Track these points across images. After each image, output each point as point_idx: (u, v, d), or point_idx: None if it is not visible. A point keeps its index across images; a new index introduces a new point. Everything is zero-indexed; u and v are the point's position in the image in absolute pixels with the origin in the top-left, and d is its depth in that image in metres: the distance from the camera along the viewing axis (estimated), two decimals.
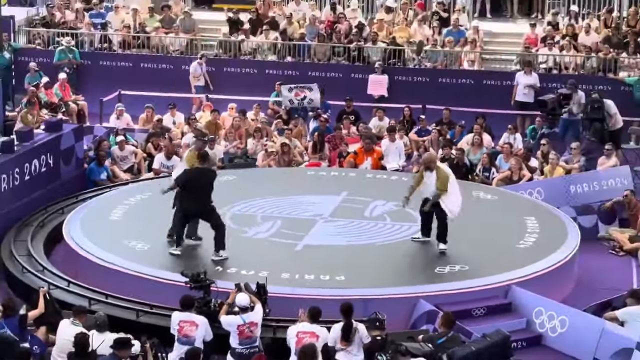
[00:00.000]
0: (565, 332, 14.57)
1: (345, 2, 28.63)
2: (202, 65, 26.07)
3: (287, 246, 16.62)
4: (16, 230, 17.84)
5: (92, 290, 15.20)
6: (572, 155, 21.53)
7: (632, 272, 17.61)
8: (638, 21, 26.79)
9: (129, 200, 18.85)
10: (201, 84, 25.89)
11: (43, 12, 29.55)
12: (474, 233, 17.28)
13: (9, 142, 18.96)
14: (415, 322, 14.53)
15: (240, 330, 12.73)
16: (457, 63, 26.68)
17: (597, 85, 24.43)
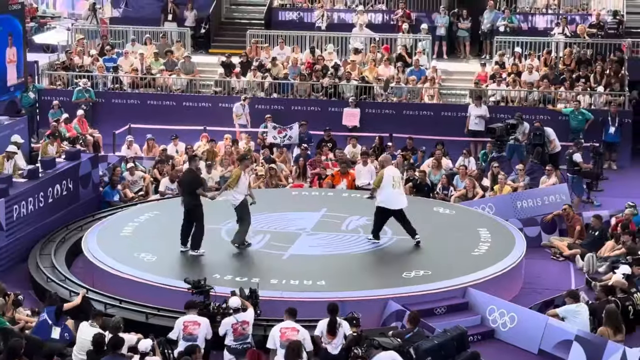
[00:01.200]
0: (514, 327, 14.63)
1: (323, 46, 28.68)
2: (244, 106, 25.82)
3: (275, 256, 16.62)
4: (41, 245, 17.82)
5: (107, 296, 15.18)
6: (518, 176, 21.60)
7: (570, 275, 17.68)
8: (572, 60, 26.95)
9: (138, 218, 18.82)
10: (243, 122, 25.59)
11: (63, 57, 29.52)
12: (435, 242, 17.34)
13: (34, 169, 19.00)
14: (386, 320, 14.55)
15: (234, 328, 12.78)
16: (418, 97, 26.76)
17: (538, 115, 24.55)
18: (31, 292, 16.22)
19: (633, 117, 25.58)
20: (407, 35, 28.76)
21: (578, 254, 18.23)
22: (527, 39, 28.05)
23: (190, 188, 16.50)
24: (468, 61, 28.95)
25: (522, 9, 29.58)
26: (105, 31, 30.82)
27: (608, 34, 27.75)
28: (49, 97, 26.88)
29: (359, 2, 30.58)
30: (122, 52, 29.18)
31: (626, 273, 16.10)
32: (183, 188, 16.83)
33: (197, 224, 16.50)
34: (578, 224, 19.26)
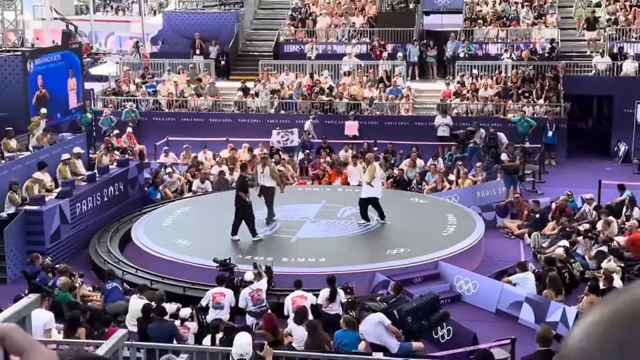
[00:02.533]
0: (476, 292, 14.68)
1: (320, 71, 28.67)
2: (313, 124, 25.37)
3: (285, 239, 16.69)
4: (99, 235, 17.86)
5: (152, 274, 15.22)
6: (477, 172, 21.61)
7: (520, 250, 17.70)
8: (518, 79, 26.94)
9: (175, 212, 18.86)
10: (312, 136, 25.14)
11: (113, 85, 29.54)
12: (412, 226, 17.39)
13: (92, 175, 19.03)
14: (374, 288, 14.59)
15: (251, 296, 12.82)
16: (396, 111, 26.76)
17: (492, 123, 24.52)
18: (92, 272, 16.27)
19: (568, 123, 25.59)
20: (386, 61, 28.73)
21: (526, 232, 18.25)
22: (482, 62, 28.04)
23: (239, 190, 16.33)
24: (435, 81, 28.94)
25: (477, 39, 29.54)
26: (147, 63, 30.82)
27: (546, 58, 27.76)
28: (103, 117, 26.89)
29: (348, 37, 30.54)
30: (160, 80, 29.19)
31: (565, 246, 16.15)
32: (236, 190, 16.53)
33: (246, 218, 16.28)
34: (525, 209, 19.27)
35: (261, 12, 33.60)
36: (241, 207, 16.23)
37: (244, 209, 16.24)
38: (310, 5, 32.00)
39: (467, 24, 29.90)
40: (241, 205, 16.21)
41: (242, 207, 16.22)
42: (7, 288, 14.70)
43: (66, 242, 17.19)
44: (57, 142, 20.77)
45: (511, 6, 30.43)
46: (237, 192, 16.32)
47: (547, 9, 29.90)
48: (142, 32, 43.24)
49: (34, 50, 25.04)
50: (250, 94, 27.71)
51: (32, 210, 16.63)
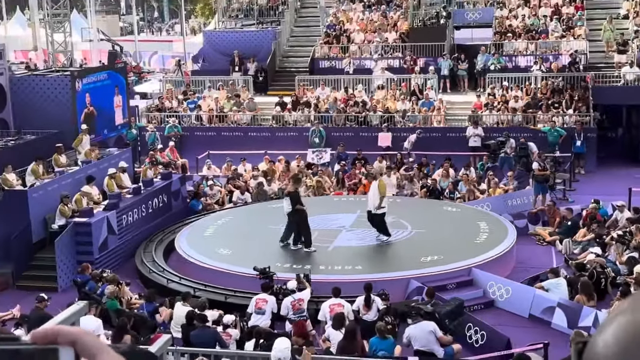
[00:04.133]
0: (509, 297, 14.51)
1: (354, 86, 28.68)
2: (418, 137, 24.80)
3: (323, 248, 16.61)
4: (144, 245, 17.98)
5: (195, 282, 15.28)
6: (508, 181, 21.42)
7: (552, 256, 17.46)
8: (548, 90, 26.70)
9: (217, 222, 18.93)
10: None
11: (156, 102, 29.84)
12: (446, 233, 17.25)
13: (138, 187, 19.20)
14: (409, 295, 14.49)
15: (292, 304, 12.79)
16: (429, 122, 26.65)
17: (522, 133, 24.30)
18: (138, 280, 16.39)
19: (597, 132, 25.27)
20: (418, 75, 28.66)
21: (557, 239, 18.02)
22: (512, 75, 27.81)
23: (293, 203, 16.25)
24: (466, 94, 28.78)
25: (507, 52, 29.32)
26: (188, 81, 31.11)
27: (575, 69, 27.46)
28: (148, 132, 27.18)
29: (381, 52, 30.52)
30: (201, 96, 29.43)
31: (597, 253, 15.92)
32: (290, 202, 16.34)
33: (301, 228, 16.20)
34: (557, 217, 19.03)
35: (297, 29, 33.74)
36: (300, 220, 16.13)
37: (302, 221, 16.15)
38: (344, 23, 32.05)
39: (497, 38, 29.72)
40: (300, 218, 16.11)
41: (300, 219, 16.12)
42: (58, 296, 14.87)
43: (113, 252, 17.35)
44: (104, 157, 21.04)
45: (540, 19, 30.17)
46: (294, 205, 16.10)
47: (576, 22, 29.59)
48: (184, 51, 43.69)
49: (81, 70, 25.43)
50: (287, 108, 27.80)
51: (82, 222, 16.84)
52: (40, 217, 17.25)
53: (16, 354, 1.08)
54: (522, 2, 30.92)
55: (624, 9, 30.17)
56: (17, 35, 50.60)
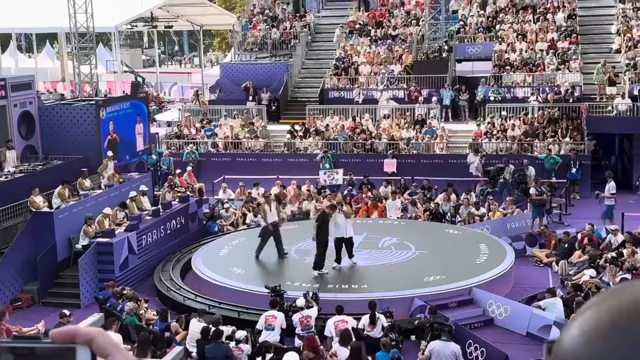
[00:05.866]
0: (508, 316, 14.42)
1: (361, 115, 28.75)
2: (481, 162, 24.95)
3: (330, 267, 16.57)
4: (162, 264, 17.99)
5: (210, 299, 15.26)
6: (507, 205, 21.35)
7: (548, 277, 17.38)
8: (544, 119, 26.68)
9: (231, 243, 18.94)
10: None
11: (175, 130, 29.99)
12: (448, 255, 17.17)
13: (157, 210, 19.24)
14: (412, 312, 14.42)
15: (300, 321, 12.75)
16: (432, 150, 26.65)
17: (520, 160, 24.28)
18: (156, 298, 16.38)
19: (591, 160, 25.21)
20: (422, 105, 28.72)
21: (554, 261, 17.92)
22: (510, 105, 27.83)
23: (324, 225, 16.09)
24: (467, 123, 28.79)
25: (505, 83, 29.36)
26: (205, 110, 31.27)
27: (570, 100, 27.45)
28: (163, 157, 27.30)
29: (387, 84, 30.61)
30: (217, 124, 29.57)
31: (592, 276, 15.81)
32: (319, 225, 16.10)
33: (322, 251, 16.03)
34: (553, 239, 18.95)
35: (308, 62, 33.94)
36: (323, 242, 16.01)
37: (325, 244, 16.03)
38: (352, 56, 32.23)
39: (496, 70, 29.77)
40: (323, 240, 16.00)
41: (323, 241, 16.01)
42: (80, 312, 14.88)
43: (133, 271, 17.36)
44: (125, 180, 21.12)
45: (536, 53, 30.25)
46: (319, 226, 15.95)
47: (570, 56, 29.64)
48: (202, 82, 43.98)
49: (106, 100, 25.63)
50: (299, 136, 27.87)
51: (104, 242, 16.87)
52: (65, 238, 17.31)
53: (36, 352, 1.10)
54: (519, 36, 31.02)
55: (616, 44, 30.23)
56: (47, 67, 51.09)
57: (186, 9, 44.87)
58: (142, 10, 42.72)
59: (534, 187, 20.94)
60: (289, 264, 16.73)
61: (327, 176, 24.45)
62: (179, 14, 45.58)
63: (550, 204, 21.55)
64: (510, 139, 25.96)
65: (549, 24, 31.36)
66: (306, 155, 27.12)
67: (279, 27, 34.40)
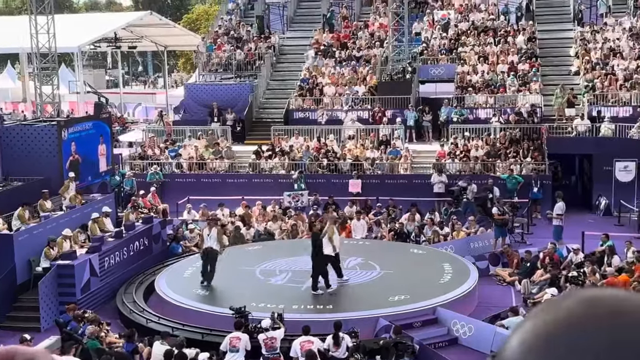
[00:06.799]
0: (472, 335, 14.47)
1: (326, 135, 28.84)
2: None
3: (296, 288, 16.52)
4: (125, 286, 17.75)
5: (174, 322, 15.06)
6: (470, 224, 21.52)
7: (511, 296, 17.50)
8: (506, 140, 27.03)
9: (195, 264, 18.72)
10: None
11: (139, 150, 29.75)
12: (412, 274, 17.22)
13: (120, 231, 19.00)
14: (377, 332, 14.39)
15: (265, 342, 12.67)
16: (396, 170, 26.81)
17: (483, 180, 24.54)
18: (118, 321, 16.12)
19: (552, 180, 25.58)
20: (386, 126, 28.92)
21: (516, 280, 18.07)
22: (473, 125, 28.16)
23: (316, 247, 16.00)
24: (431, 143, 29.04)
25: (468, 104, 29.73)
26: (170, 130, 31.09)
27: (531, 121, 27.87)
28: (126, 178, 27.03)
29: (352, 104, 30.78)
30: (182, 145, 29.41)
31: (553, 294, 15.96)
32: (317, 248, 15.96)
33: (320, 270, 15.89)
34: (516, 258, 19.12)
35: (273, 83, 34.00)
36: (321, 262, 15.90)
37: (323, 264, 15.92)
38: (317, 77, 32.39)
39: (459, 92, 30.14)
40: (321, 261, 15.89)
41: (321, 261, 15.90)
42: (41, 336, 14.58)
43: (95, 293, 17.09)
44: (87, 202, 20.85)
45: (498, 75, 30.71)
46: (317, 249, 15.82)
47: (531, 78, 30.16)
48: (166, 103, 43.78)
49: (68, 120, 25.35)
50: (264, 156, 27.83)
51: (65, 264, 16.59)
52: (24, 260, 16.99)
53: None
54: (481, 59, 31.50)
55: (575, 66, 30.85)
56: (8, 87, 50.43)
57: (150, 30, 44.75)
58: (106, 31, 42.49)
59: (496, 206, 21.16)
60: (254, 285, 16.62)
61: (292, 198, 24.48)
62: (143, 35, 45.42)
63: (513, 224, 21.80)
64: (473, 159, 26.24)
65: (510, 46, 31.90)
66: (271, 176, 27.09)
67: (244, 48, 34.46)
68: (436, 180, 25.02)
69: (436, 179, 25.07)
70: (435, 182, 25.02)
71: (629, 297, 1.00)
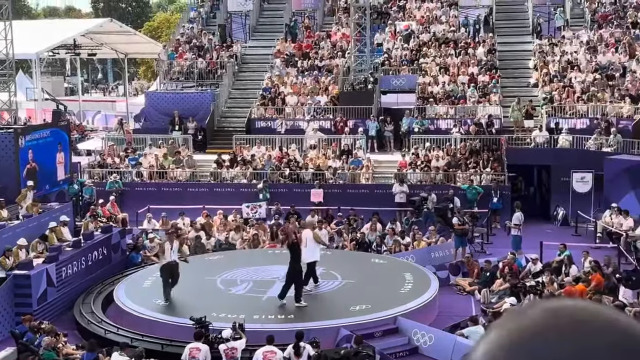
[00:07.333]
0: (432, 344, 14.55)
1: (288, 145, 28.85)
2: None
3: (257, 298, 16.45)
4: (83, 296, 17.49)
5: (133, 332, 14.89)
6: (431, 234, 21.68)
7: (471, 305, 17.65)
8: (466, 151, 27.33)
9: (155, 274, 18.50)
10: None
11: (98, 158, 29.42)
12: (373, 284, 17.27)
13: (78, 241, 18.72)
14: (339, 342, 14.39)
15: (225, 352, 12.60)
16: (358, 180, 26.91)
17: (444, 190, 24.77)
18: (76, 332, 15.87)
19: (511, 190, 25.91)
20: (348, 135, 29.04)
21: (476, 289, 18.25)
22: (434, 136, 28.42)
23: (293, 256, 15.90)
24: (393, 153, 29.24)
25: (429, 115, 30.03)
26: (130, 139, 30.80)
27: (490, 132, 28.24)
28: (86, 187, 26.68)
29: (314, 114, 30.86)
30: (142, 154, 29.15)
31: (512, 303, 16.16)
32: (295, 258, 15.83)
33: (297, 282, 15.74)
34: (476, 268, 19.31)
35: (235, 92, 33.93)
36: (295, 273, 15.79)
37: (298, 275, 15.83)
38: (279, 86, 32.41)
39: (420, 102, 30.42)
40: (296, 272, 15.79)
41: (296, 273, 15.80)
42: None
43: (52, 304, 16.80)
44: (45, 211, 20.52)
45: (458, 86, 31.09)
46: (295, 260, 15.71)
47: (491, 89, 30.59)
48: (127, 111, 43.36)
49: (25, 127, 24.95)
50: (225, 165, 27.72)
51: (21, 274, 16.29)
52: None
53: None
54: (442, 70, 31.85)
55: (534, 78, 31.39)
56: None
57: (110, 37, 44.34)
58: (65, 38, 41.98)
59: (456, 216, 21.38)
60: (214, 295, 16.51)
61: (250, 209, 24.48)
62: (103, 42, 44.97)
63: (473, 234, 22.04)
64: (434, 170, 26.48)
65: (470, 58, 32.33)
66: (232, 185, 27.00)
67: (206, 57, 34.33)
68: (397, 190, 25.18)
69: (397, 188, 25.23)
70: (397, 192, 25.18)
71: (588, 307, 1.05)
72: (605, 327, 1.00)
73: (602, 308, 1.06)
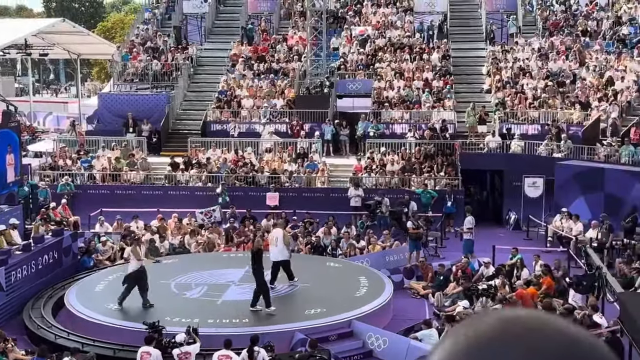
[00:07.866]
0: (386, 347, 14.65)
1: (244, 148, 28.74)
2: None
3: (211, 302, 16.37)
4: (33, 300, 17.17)
5: (84, 337, 14.66)
6: (386, 238, 21.82)
7: (425, 309, 17.81)
8: (421, 155, 27.58)
9: (107, 278, 18.33)
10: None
11: (50, 160, 28.90)
12: (328, 287, 17.32)
13: (28, 244, 18.39)
14: (293, 346, 14.40)
15: (179, 357, 12.51)
16: (313, 183, 26.95)
17: (399, 194, 24.95)
18: (25, 337, 15.57)
19: (465, 195, 26.23)
20: (304, 139, 29.07)
21: (430, 292, 18.42)
22: (389, 140, 28.62)
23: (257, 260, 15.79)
24: (348, 157, 29.35)
25: (384, 119, 30.23)
26: (82, 140, 30.34)
27: (445, 137, 28.56)
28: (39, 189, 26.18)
29: (269, 117, 30.80)
30: (94, 156, 28.72)
31: (465, 307, 16.35)
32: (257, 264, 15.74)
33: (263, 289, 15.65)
34: (430, 271, 19.50)
35: (190, 94, 33.69)
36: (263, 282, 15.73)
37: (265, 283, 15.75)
38: (235, 89, 32.29)
39: (376, 107, 30.62)
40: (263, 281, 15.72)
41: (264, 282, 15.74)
42: None
43: (1, 309, 16.46)
44: None
45: (413, 91, 31.38)
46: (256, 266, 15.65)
47: (445, 94, 30.95)
48: (79, 112, 42.67)
49: None
50: (180, 168, 27.49)
51: None
52: None
53: None
54: (397, 75, 32.12)
55: (487, 84, 31.86)
56: None
57: (63, 37, 43.59)
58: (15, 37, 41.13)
59: (410, 220, 21.56)
60: (168, 299, 16.35)
61: (204, 215, 24.37)
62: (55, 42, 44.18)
63: (427, 237, 22.25)
64: (389, 174, 26.66)
65: (425, 63, 32.67)
66: (187, 188, 26.79)
67: (161, 59, 34.02)
68: (353, 194, 25.30)
69: (353, 192, 25.35)
70: (352, 195, 25.29)
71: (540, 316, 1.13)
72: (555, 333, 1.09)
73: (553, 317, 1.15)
